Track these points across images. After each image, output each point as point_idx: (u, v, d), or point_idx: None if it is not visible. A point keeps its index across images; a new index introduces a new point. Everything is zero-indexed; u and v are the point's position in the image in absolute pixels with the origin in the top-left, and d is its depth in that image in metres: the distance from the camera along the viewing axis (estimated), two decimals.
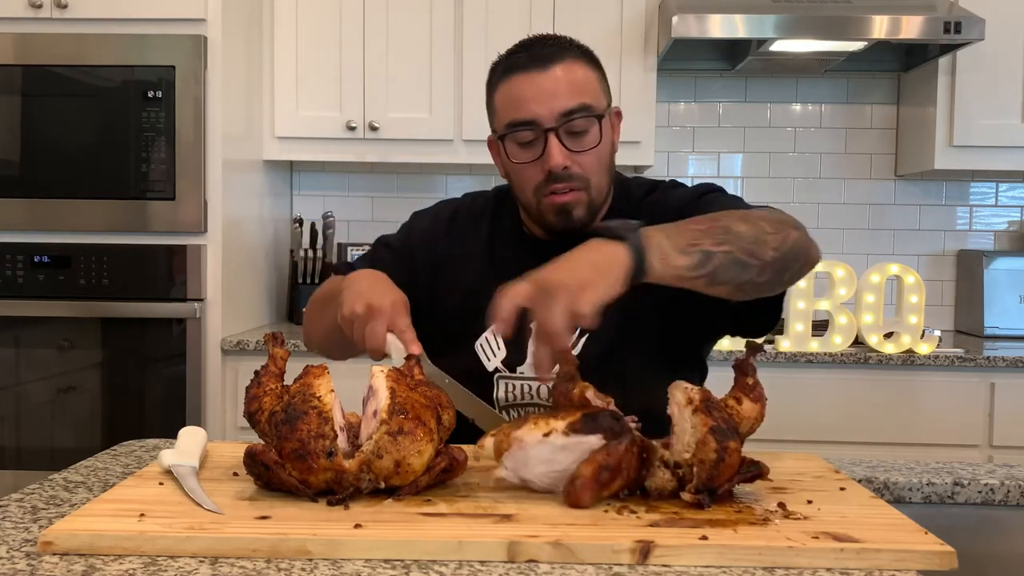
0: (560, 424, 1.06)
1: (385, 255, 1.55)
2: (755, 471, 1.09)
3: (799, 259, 1.28)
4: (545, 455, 1.05)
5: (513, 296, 1.11)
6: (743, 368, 1.18)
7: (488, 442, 1.09)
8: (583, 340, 1.43)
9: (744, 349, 1.20)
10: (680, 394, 1.12)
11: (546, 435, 1.05)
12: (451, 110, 3.00)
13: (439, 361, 1.38)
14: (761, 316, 1.37)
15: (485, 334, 1.45)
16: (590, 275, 1.09)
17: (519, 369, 1.43)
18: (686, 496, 1.06)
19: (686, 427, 1.09)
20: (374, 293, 1.24)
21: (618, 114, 1.46)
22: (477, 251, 1.52)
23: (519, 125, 1.37)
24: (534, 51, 1.39)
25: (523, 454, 1.06)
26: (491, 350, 1.44)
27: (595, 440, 1.05)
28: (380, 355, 1.23)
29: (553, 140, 1.35)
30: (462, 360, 1.43)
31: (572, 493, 1.03)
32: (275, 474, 1.04)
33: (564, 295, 1.07)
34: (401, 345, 1.21)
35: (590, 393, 1.13)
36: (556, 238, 1.42)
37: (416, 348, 1.20)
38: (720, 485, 1.06)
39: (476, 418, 1.26)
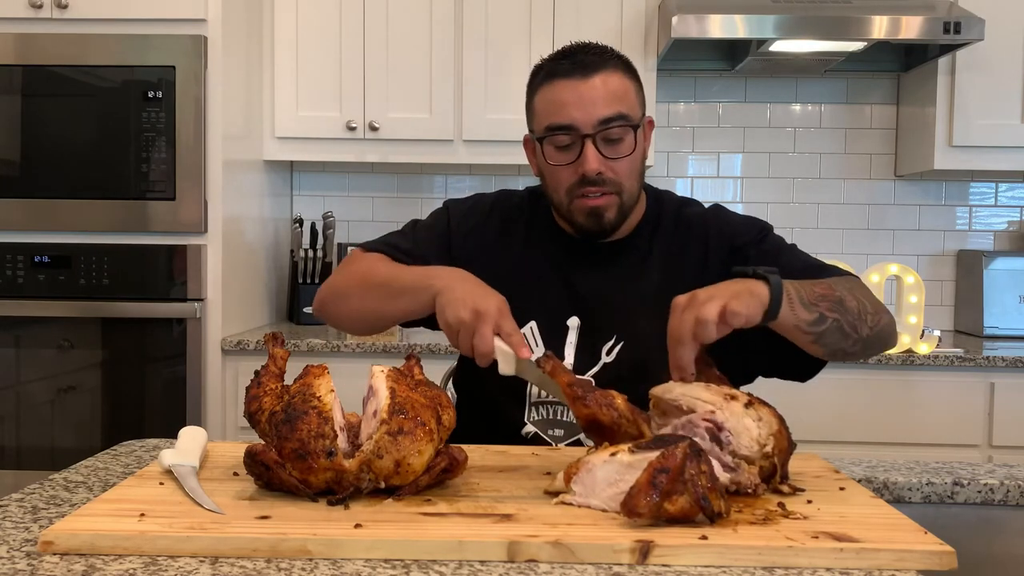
0: (627, 444, 1.06)
1: (427, 237, 1.56)
2: None
3: (886, 342, 1.41)
4: (612, 475, 1.02)
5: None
6: (707, 361, 1.24)
7: (559, 474, 1.09)
8: (619, 347, 1.47)
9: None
10: (712, 395, 1.13)
11: (612, 455, 1.04)
12: (451, 110, 3.00)
13: None
14: (800, 364, 1.41)
15: (523, 330, 1.46)
16: (724, 293, 1.18)
17: None
18: (786, 488, 1.10)
19: (746, 423, 1.10)
20: (476, 297, 1.25)
21: (651, 123, 1.51)
22: (515, 247, 1.55)
23: (558, 129, 1.42)
24: (577, 59, 1.44)
25: (591, 476, 1.04)
26: (529, 347, 1.46)
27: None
28: (488, 360, 1.23)
29: (590, 146, 1.40)
30: None
31: (627, 501, 0.96)
32: (275, 474, 1.05)
33: (693, 306, 1.16)
34: (508, 349, 1.22)
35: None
36: (587, 238, 1.49)
37: (526, 352, 1.22)
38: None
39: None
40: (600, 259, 1.52)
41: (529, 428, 1.48)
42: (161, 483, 1.11)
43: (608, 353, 1.47)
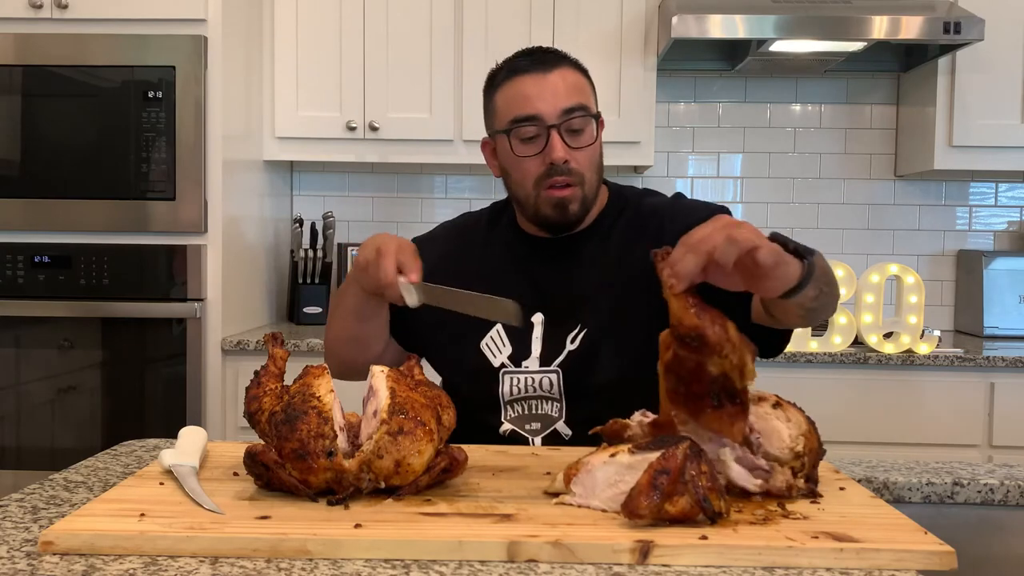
0: (626, 445, 1.05)
1: None
2: None
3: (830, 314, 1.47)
4: (612, 476, 1.02)
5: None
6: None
7: (559, 474, 1.09)
8: (582, 334, 1.50)
9: None
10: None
11: (612, 456, 1.04)
12: (451, 110, 3.00)
13: (445, 359, 1.57)
14: (768, 339, 1.46)
15: (490, 333, 1.52)
16: (767, 245, 1.07)
17: (524, 363, 1.50)
18: (803, 485, 1.10)
19: (776, 424, 1.10)
20: (382, 240, 1.35)
21: (602, 123, 1.56)
22: (477, 254, 1.60)
23: (523, 121, 1.47)
24: (535, 56, 1.51)
25: (590, 477, 1.04)
26: (496, 347, 1.52)
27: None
28: (396, 292, 1.30)
29: (555, 135, 1.46)
30: (467, 358, 1.52)
31: (628, 502, 0.95)
32: (275, 474, 1.05)
33: (731, 227, 1.05)
34: (410, 285, 1.29)
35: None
36: (552, 232, 1.54)
37: (415, 277, 1.30)
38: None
39: (484, 313, 1.33)
40: (560, 253, 1.56)
41: (506, 427, 1.51)
42: (161, 483, 1.11)
43: (572, 341, 1.51)
